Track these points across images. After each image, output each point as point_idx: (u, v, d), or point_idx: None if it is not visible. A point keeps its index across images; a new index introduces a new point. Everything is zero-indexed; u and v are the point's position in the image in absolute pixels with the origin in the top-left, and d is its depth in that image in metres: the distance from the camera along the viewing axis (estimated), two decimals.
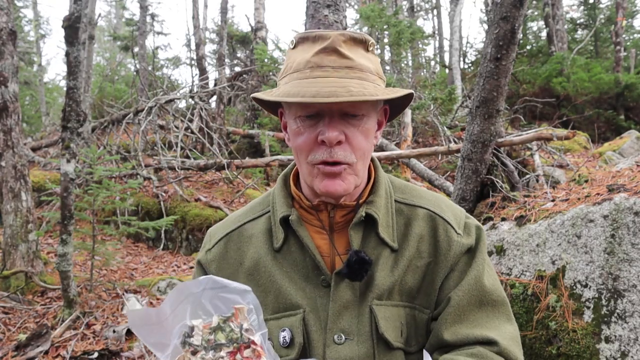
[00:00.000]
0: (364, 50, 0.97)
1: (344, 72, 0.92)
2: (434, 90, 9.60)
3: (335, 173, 0.95)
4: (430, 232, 1.05)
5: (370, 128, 0.98)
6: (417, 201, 1.09)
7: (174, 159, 7.02)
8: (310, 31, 0.98)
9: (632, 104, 10.70)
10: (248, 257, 1.05)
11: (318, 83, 0.90)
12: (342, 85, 0.89)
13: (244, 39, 14.69)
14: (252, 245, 1.06)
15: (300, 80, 0.93)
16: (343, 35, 0.94)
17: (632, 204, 1.94)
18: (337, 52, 0.93)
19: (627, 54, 13.00)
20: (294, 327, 0.98)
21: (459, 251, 1.03)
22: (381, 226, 1.02)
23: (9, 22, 4.22)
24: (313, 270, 1.01)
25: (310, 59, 0.93)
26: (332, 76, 0.91)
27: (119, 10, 25.99)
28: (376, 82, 0.96)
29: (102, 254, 4.16)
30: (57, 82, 22.77)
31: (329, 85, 0.89)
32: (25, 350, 2.99)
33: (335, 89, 0.88)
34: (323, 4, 3.56)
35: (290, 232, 1.04)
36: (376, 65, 0.99)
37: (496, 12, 2.83)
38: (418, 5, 22.94)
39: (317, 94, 0.87)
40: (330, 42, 0.93)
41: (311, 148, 0.96)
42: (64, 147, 3.40)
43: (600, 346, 1.82)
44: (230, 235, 1.09)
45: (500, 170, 3.13)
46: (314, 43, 0.95)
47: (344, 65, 0.93)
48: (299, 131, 0.97)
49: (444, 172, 7.43)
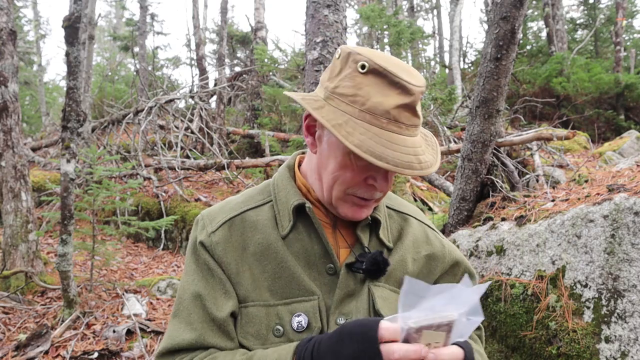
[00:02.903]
0: None
1: (412, 130, 0.94)
2: (434, 90, 9.60)
3: (367, 205, 1.03)
4: (422, 236, 1.17)
5: None
6: (404, 209, 1.20)
7: (174, 159, 7.02)
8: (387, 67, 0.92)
9: (632, 104, 10.70)
10: (254, 243, 1.05)
11: (397, 146, 0.91)
12: (415, 153, 0.92)
13: (244, 39, 14.69)
14: (258, 232, 1.06)
15: (376, 131, 0.91)
16: (422, 92, 0.94)
17: (632, 204, 1.94)
18: (414, 110, 0.93)
19: (627, 54, 13.00)
20: (310, 312, 1.00)
21: (450, 249, 1.17)
22: (381, 228, 1.10)
23: (9, 22, 4.22)
24: (320, 258, 1.04)
25: (390, 111, 0.91)
26: (404, 134, 0.93)
27: (119, 10, 25.98)
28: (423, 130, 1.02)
29: (102, 254, 4.15)
30: (57, 82, 22.79)
31: (406, 152, 0.91)
32: (25, 350, 2.99)
33: (411, 158, 0.91)
34: (323, 4, 3.56)
35: (300, 221, 1.06)
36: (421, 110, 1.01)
37: (496, 12, 2.83)
38: (418, 5, 22.94)
39: (398, 162, 0.89)
40: (412, 100, 0.92)
41: (356, 185, 0.99)
42: (64, 147, 3.40)
43: (600, 346, 1.82)
44: (233, 220, 1.08)
45: (500, 170, 3.13)
46: (392, 88, 0.92)
47: (415, 124, 0.95)
48: (348, 166, 0.98)
49: (444, 172, 7.43)
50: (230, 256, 1.03)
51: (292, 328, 0.98)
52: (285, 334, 0.98)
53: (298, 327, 0.98)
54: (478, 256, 2.46)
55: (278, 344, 0.96)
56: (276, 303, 1.01)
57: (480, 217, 2.86)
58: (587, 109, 10.38)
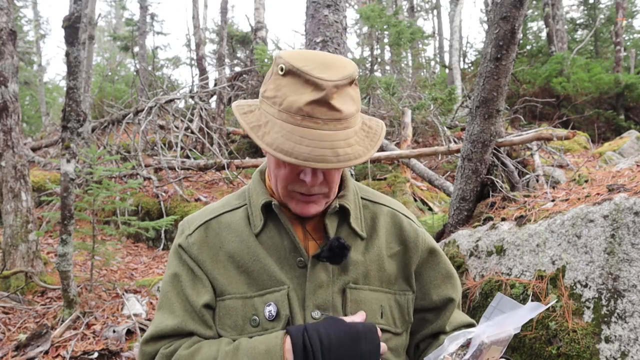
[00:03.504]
0: (350, 88, 0.99)
1: (332, 124, 0.95)
2: (434, 90, 9.60)
3: (311, 201, 1.06)
4: (395, 226, 1.19)
5: None
6: (380, 200, 1.23)
7: (174, 159, 7.01)
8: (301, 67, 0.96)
9: (632, 104, 10.70)
10: (228, 242, 1.12)
11: (310, 140, 0.92)
12: (332, 147, 0.93)
13: (244, 39, 14.69)
14: (232, 232, 1.13)
15: (292, 129, 0.94)
16: (336, 87, 0.94)
17: (632, 204, 1.94)
18: (328, 105, 0.94)
19: (627, 54, 13.00)
20: (279, 301, 1.06)
21: (423, 239, 1.19)
22: (352, 217, 1.13)
23: (9, 22, 4.22)
24: (290, 252, 1.09)
25: (303, 108, 0.94)
26: (322, 129, 0.94)
27: (119, 10, 25.98)
28: (357, 122, 1.00)
29: (102, 254, 4.15)
30: (57, 82, 22.79)
31: (320, 146, 0.92)
32: (25, 350, 2.99)
33: (325, 152, 0.92)
34: (323, 4, 3.57)
35: (270, 218, 1.12)
36: (357, 101, 1.02)
37: (496, 12, 2.83)
38: (418, 5, 22.94)
39: (308, 157, 0.91)
40: (324, 95, 0.93)
41: (292, 181, 1.03)
42: (64, 147, 3.40)
43: (600, 346, 1.82)
44: (209, 223, 1.15)
45: (500, 170, 3.13)
46: (306, 86, 0.95)
47: (334, 117, 0.95)
48: (280, 164, 1.03)
49: (444, 172, 7.43)
50: (206, 254, 1.11)
51: (265, 317, 1.05)
52: (261, 324, 1.05)
53: (269, 316, 1.05)
54: (478, 256, 2.46)
55: (254, 334, 1.03)
56: (252, 295, 1.07)
57: (480, 217, 2.86)
58: (587, 109, 10.38)
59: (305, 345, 0.95)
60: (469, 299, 2.33)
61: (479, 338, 0.84)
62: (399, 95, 9.23)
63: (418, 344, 1.22)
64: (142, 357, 1.07)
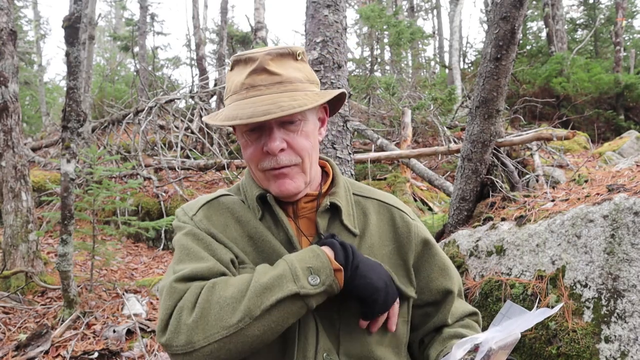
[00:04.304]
0: (293, 61, 1.07)
1: (275, 87, 1.02)
2: (434, 90, 9.60)
3: (284, 174, 1.06)
4: (388, 221, 1.19)
5: (309, 129, 1.09)
6: (372, 195, 1.23)
7: (174, 159, 7.02)
8: (241, 53, 1.07)
9: (632, 104, 10.70)
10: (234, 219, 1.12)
11: (254, 103, 0.99)
12: (274, 102, 0.98)
13: (244, 39, 14.70)
14: (235, 212, 1.13)
15: (238, 102, 1.03)
16: (269, 54, 1.03)
17: (632, 204, 1.94)
18: (266, 71, 1.02)
19: (627, 54, 13.00)
20: None
21: (416, 232, 1.19)
22: (344, 214, 1.14)
23: (9, 22, 4.22)
24: (285, 244, 1.10)
25: (244, 81, 1.03)
26: (265, 94, 1.01)
27: (119, 10, 25.98)
28: (308, 88, 1.06)
29: (102, 254, 4.15)
30: (57, 82, 22.78)
31: (263, 104, 0.98)
32: (25, 350, 2.99)
33: (268, 106, 0.97)
34: (323, 4, 3.57)
35: (266, 210, 1.13)
36: (306, 73, 1.08)
37: (496, 12, 2.83)
38: (418, 5, 22.95)
39: (252, 114, 0.97)
40: (258, 63, 1.02)
41: (259, 158, 1.07)
42: (64, 147, 3.40)
43: (600, 346, 1.82)
44: (211, 203, 1.17)
45: (500, 170, 3.14)
46: (246, 65, 1.05)
47: (275, 81, 1.02)
48: (246, 144, 1.09)
49: (444, 172, 7.43)
50: (215, 229, 1.10)
51: None
52: None
53: None
54: (478, 256, 2.46)
55: None
56: None
57: (480, 217, 2.87)
58: (587, 109, 10.38)
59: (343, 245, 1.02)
60: (469, 299, 2.34)
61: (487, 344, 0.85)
62: (399, 95, 9.23)
63: (422, 338, 1.23)
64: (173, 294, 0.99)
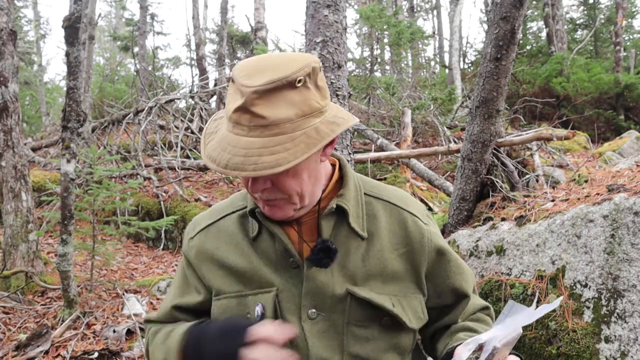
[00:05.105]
0: (289, 91, 0.94)
1: (259, 131, 0.93)
2: (434, 90, 9.60)
3: (271, 204, 1.05)
4: (400, 224, 1.14)
5: (301, 169, 1.00)
6: (385, 196, 1.18)
7: (174, 159, 7.02)
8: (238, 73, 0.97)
9: (631, 104, 10.70)
10: (224, 246, 1.16)
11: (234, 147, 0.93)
12: (251, 154, 0.92)
13: (244, 39, 14.70)
14: (228, 237, 1.17)
15: (225, 137, 0.97)
16: (256, 92, 0.92)
17: (632, 204, 1.94)
18: (250, 112, 0.92)
19: (627, 54, 13.00)
20: (267, 303, 1.08)
21: (429, 238, 1.14)
22: (352, 217, 1.10)
23: (9, 22, 4.22)
24: (283, 254, 1.10)
25: (232, 115, 0.95)
26: (248, 136, 0.93)
27: (119, 10, 25.98)
28: (300, 127, 0.94)
29: (102, 254, 4.15)
30: (57, 82, 22.77)
31: (239, 154, 0.92)
32: (25, 350, 2.99)
33: (244, 158, 0.91)
34: (323, 4, 3.56)
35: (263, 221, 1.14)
36: (303, 104, 0.95)
37: (496, 12, 2.83)
38: (418, 5, 22.94)
39: (227, 163, 0.92)
40: (243, 101, 0.93)
41: (246, 184, 1.05)
42: (64, 147, 3.40)
43: (600, 346, 1.82)
44: (209, 228, 1.20)
45: (500, 170, 3.14)
46: (237, 92, 0.95)
47: (259, 124, 0.93)
48: None
49: (444, 172, 7.43)
50: (202, 258, 1.17)
51: (255, 317, 1.08)
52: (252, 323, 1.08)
53: (257, 316, 1.08)
54: (478, 256, 2.46)
55: None
56: (247, 293, 1.11)
57: (480, 217, 2.87)
58: (587, 109, 10.38)
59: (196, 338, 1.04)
60: None
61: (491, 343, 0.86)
62: (399, 95, 9.23)
63: (434, 333, 1.24)
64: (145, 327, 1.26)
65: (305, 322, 1.07)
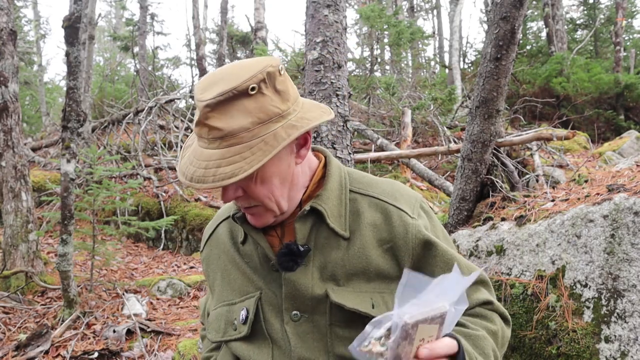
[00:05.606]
0: (243, 99, 0.94)
1: (217, 143, 0.95)
2: (434, 90, 9.60)
3: (250, 213, 1.07)
4: (384, 220, 1.10)
5: (270, 173, 1.00)
6: (372, 191, 1.14)
7: (174, 159, 7.02)
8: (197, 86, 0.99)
9: (631, 104, 10.70)
10: (222, 252, 1.21)
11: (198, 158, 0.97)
12: (209, 167, 0.94)
13: (244, 39, 14.70)
14: (221, 244, 1.22)
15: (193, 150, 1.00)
16: (208, 106, 0.93)
17: (632, 204, 1.94)
18: (206, 125, 0.95)
19: (627, 54, 13.00)
20: (250, 306, 1.10)
21: (413, 233, 1.08)
22: (331, 217, 1.08)
23: (9, 22, 4.22)
24: (264, 258, 1.12)
25: (195, 129, 0.99)
26: (209, 148, 0.96)
27: (119, 10, 25.98)
28: (258, 134, 0.94)
29: (102, 254, 4.16)
30: (57, 82, 22.76)
31: (200, 166, 0.95)
32: (25, 350, 2.99)
33: (204, 172, 0.94)
34: (323, 4, 3.56)
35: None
36: (259, 111, 0.95)
37: (496, 12, 2.83)
38: (418, 5, 22.95)
39: (192, 176, 0.95)
40: (200, 116, 0.95)
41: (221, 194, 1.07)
42: (64, 147, 3.40)
43: (600, 346, 1.82)
44: (211, 237, 1.26)
45: (500, 170, 3.14)
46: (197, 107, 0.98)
47: (216, 136, 0.95)
48: None
49: (444, 172, 7.43)
50: (211, 268, 1.23)
51: (240, 320, 1.11)
52: (237, 327, 1.11)
53: (241, 319, 1.11)
54: (478, 256, 2.46)
55: (234, 337, 1.11)
56: (236, 301, 1.14)
57: (480, 217, 2.87)
58: (587, 109, 10.38)
59: None
60: None
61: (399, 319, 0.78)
62: (399, 95, 9.23)
63: None
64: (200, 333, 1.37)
65: (288, 324, 1.07)
